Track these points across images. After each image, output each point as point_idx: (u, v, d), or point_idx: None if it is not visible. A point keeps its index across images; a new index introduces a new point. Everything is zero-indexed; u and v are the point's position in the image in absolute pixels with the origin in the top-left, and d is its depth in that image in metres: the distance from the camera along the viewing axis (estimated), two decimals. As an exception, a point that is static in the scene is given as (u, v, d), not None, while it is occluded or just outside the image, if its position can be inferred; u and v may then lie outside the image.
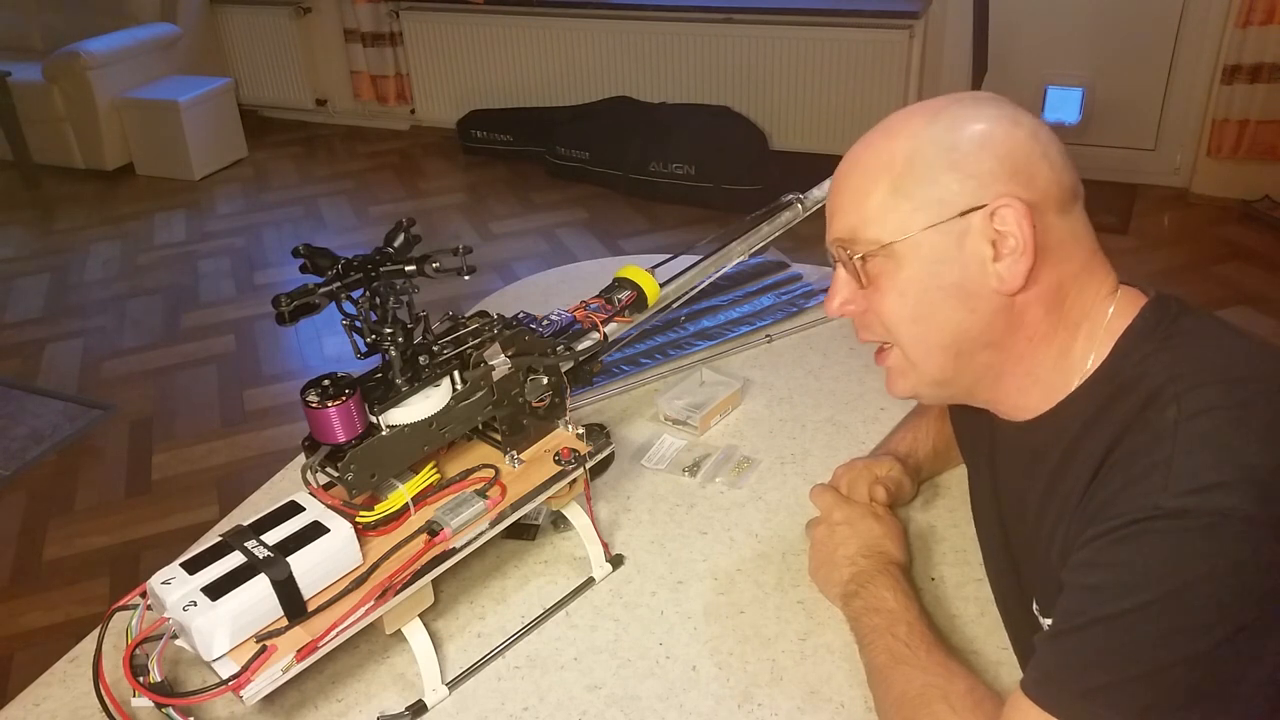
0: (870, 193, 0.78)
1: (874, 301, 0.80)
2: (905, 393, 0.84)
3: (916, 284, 0.77)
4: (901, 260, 0.77)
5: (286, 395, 2.99)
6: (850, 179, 0.80)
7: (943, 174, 0.75)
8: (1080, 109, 3.82)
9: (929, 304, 0.77)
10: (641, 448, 1.24)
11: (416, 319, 0.92)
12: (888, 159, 0.77)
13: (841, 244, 0.81)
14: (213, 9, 5.03)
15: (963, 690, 0.79)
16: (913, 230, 0.76)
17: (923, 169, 0.76)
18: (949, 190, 0.75)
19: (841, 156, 0.82)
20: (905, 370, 0.82)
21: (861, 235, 0.78)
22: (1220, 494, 0.62)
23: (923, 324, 0.78)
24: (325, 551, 0.86)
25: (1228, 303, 3.14)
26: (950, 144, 0.75)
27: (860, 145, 0.81)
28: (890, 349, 0.83)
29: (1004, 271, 0.74)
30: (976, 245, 0.75)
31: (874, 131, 0.81)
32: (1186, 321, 0.74)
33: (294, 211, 4.27)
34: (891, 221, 0.76)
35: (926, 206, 0.75)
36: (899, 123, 0.79)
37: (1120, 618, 0.64)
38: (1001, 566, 0.92)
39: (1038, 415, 0.79)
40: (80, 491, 2.64)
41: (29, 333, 3.44)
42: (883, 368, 0.85)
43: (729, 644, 0.95)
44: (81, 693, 0.93)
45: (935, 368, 0.80)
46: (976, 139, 0.75)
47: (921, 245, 0.76)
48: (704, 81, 4.26)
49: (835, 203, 0.82)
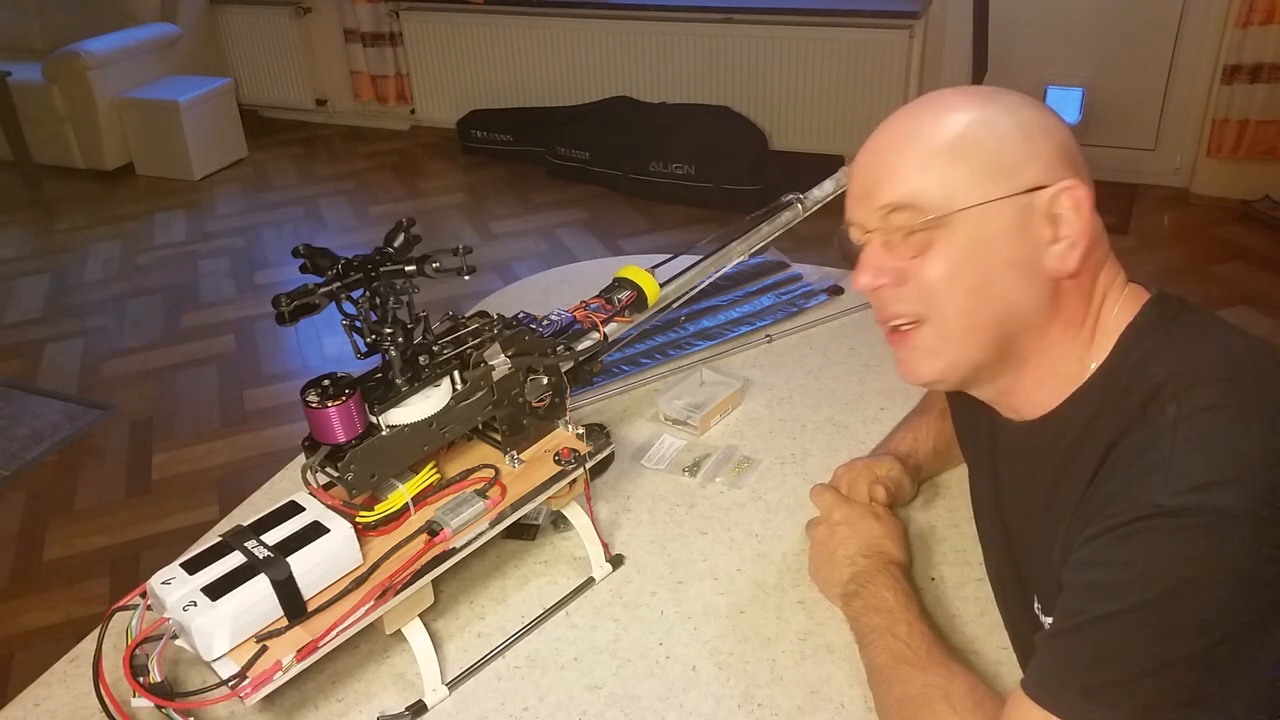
0: (934, 159, 0.75)
1: (921, 272, 0.77)
2: (932, 375, 0.81)
3: (979, 256, 0.75)
4: (963, 229, 0.75)
5: (286, 395, 2.99)
6: (906, 145, 0.77)
7: (1014, 148, 0.75)
8: (1080, 109, 3.82)
9: (987, 278, 0.75)
10: (641, 448, 1.24)
11: (416, 319, 0.92)
12: (952, 127, 0.76)
13: (896, 208, 0.77)
14: (213, 9, 5.03)
15: (963, 690, 0.79)
16: (981, 199, 0.74)
17: (991, 140, 0.75)
18: (1018, 164, 0.75)
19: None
20: (937, 350, 0.79)
21: (922, 201, 0.75)
22: (1220, 492, 0.62)
23: (978, 296, 0.75)
24: (325, 551, 0.86)
25: (1228, 303, 3.14)
26: (1018, 120, 0.76)
27: (909, 117, 0.79)
28: (916, 329, 0.79)
29: (1062, 253, 0.75)
30: (1039, 224, 0.75)
31: (918, 105, 0.79)
32: (1186, 319, 0.75)
33: (294, 211, 4.27)
34: (959, 189, 0.74)
35: (995, 177, 0.74)
36: (951, 98, 0.78)
37: (1120, 616, 0.64)
38: (1002, 566, 0.92)
39: (1043, 414, 0.79)
40: (80, 491, 2.64)
41: (29, 333, 3.44)
42: (900, 351, 0.81)
43: (729, 644, 0.95)
44: (81, 693, 0.93)
45: (978, 345, 0.77)
46: (1038, 122, 0.76)
47: (989, 216, 0.74)
48: (704, 81, 4.26)
49: (882, 169, 0.78)
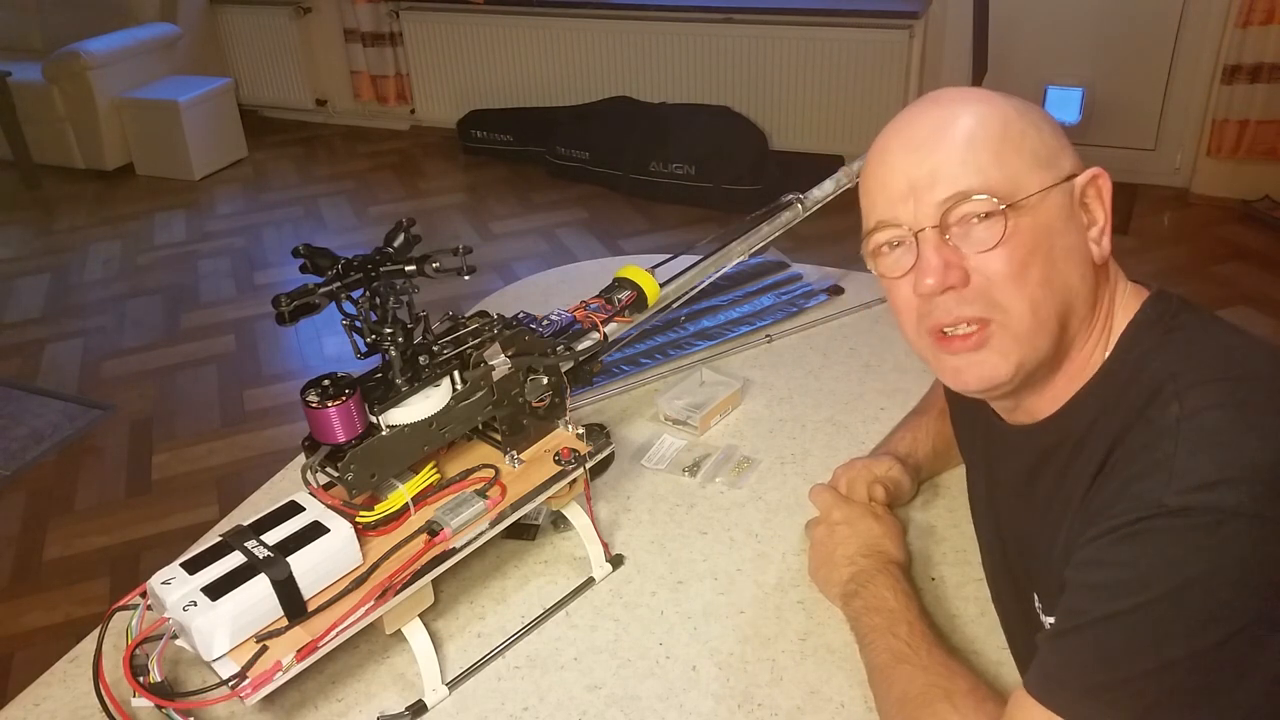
0: (990, 149, 0.74)
1: (986, 267, 0.73)
2: (1005, 376, 0.76)
3: (1045, 244, 0.73)
4: (1031, 218, 0.73)
5: (286, 395, 2.99)
6: (954, 138, 0.74)
7: (1051, 137, 0.76)
8: (1080, 109, 3.82)
9: (1054, 267, 0.73)
10: (641, 448, 1.24)
11: (416, 319, 0.92)
12: (998, 119, 0.75)
13: (960, 198, 0.73)
14: (213, 9, 5.03)
15: (965, 689, 0.79)
16: (1041, 186, 0.73)
17: (1034, 131, 0.75)
18: (1057, 153, 0.75)
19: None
20: (1008, 350, 0.75)
21: (992, 190, 0.72)
22: (1223, 492, 0.62)
23: (1047, 287, 0.73)
24: (325, 551, 0.86)
25: (1228, 303, 3.14)
26: (1039, 114, 0.76)
27: (942, 111, 0.76)
28: (982, 330, 0.75)
29: (1098, 239, 0.75)
30: (1079, 212, 0.75)
31: (943, 101, 0.77)
32: (1186, 317, 0.75)
33: (294, 211, 4.27)
34: (1024, 176, 0.73)
35: (1046, 166, 0.74)
36: (969, 92, 0.78)
37: (1123, 616, 0.64)
38: (999, 566, 0.92)
39: (1046, 417, 0.79)
40: (80, 491, 2.64)
41: (29, 333, 3.44)
42: (960, 358, 0.76)
43: (729, 644, 0.95)
44: (81, 693, 0.93)
45: (1047, 340, 0.74)
46: (1049, 116, 0.77)
47: (1049, 204, 0.74)
48: (704, 81, 4.26)
49: (936, 162, 0.74)
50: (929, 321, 0.77)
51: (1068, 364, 0.77)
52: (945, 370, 0.79)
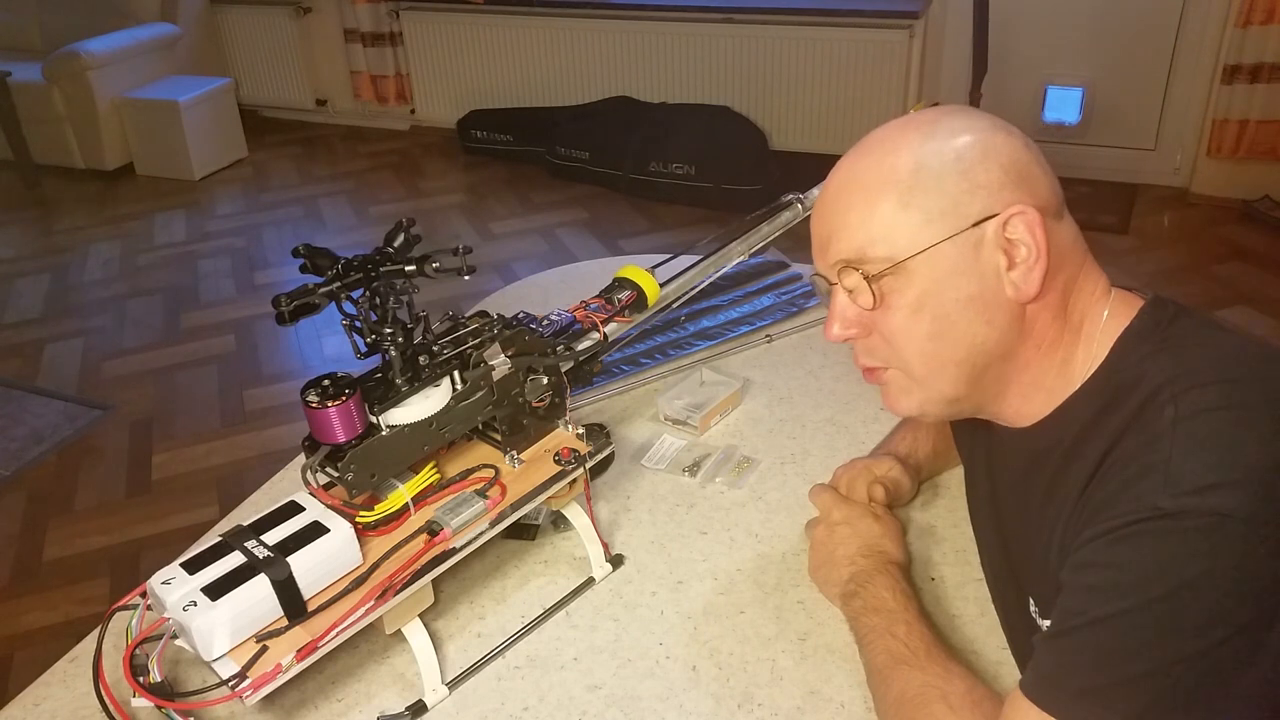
0: (876, 209, 0.75)
1: (882, 322, 0.77)
2: (910, 410, 0.82)
3: (933, 299, 0.74)
4: (914, 276, 0.74)
5: (286, 395, 2.99)
6: (849, 197, 0.77)
7: (952, 184, 0.73)
8: (1080, 109, 3.82)
9: (946, 319, 0.75)
10: (641, 448, 1.24)
11: (416, 319, 0.92)
12: (890, 173, 0.75)
13: (847, 265, 0.77)
14: (213, 9, 5.03)
15: (962, 690, 0.80)
16: (927, 244, 0.73)
17: (931, 181, 0.74)
18: (960, 200, 0.73)
19: (841, 156, 0.81)
20: (908, 388, 0.80)
21: (871, 253, 0.75)
22: (1219, 494, 0.62)
23: (939, 340, 0.75)
24: (325, 551, 0.86)
25: (1228, 303, 3.14)
26: (955, 154, 0.74)
27: (851, 164, 0.78)
28: (884, 370, 0.81)
29: (1019, 280, 0.74)
30: (991, 255, 0.74)
31: (861, 150, 0.79)
32: (1183, 323, 0.74)
33: (294, 211, 4.27)
34: (903, 237, 0.74)
35: (939, 218, 0.73)
36: (891, 137, 0.77)
37: (1119, 618, 0.64)
38: (998, 568, 0.92)
39: (1038, 421, 0.79)
40: (80, 491, 2.64)
41: (29, 333, 3.44)
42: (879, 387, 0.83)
43: (729, 644, 0.95)
44: (81, 693, 0.93)
45: (949, 385, 0.78)
46: (979, 148, 0.74)
47: (937, 259, 0.74)
48: (704, 81, 4.26)
49: (832, 224, 0.78)
50: (854, 359, 0.85)
51: (1015, 388, 0.78)
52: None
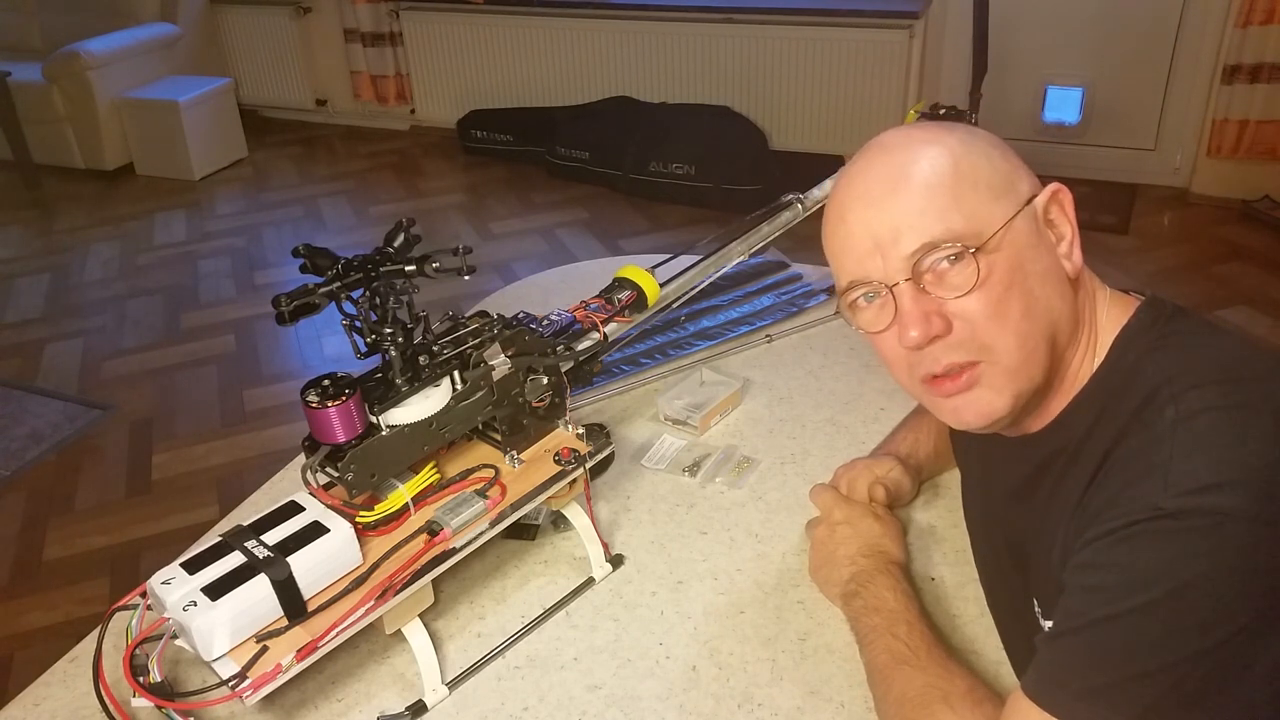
0: (950, 190, 0.73)
1: (966, 311, 0.73)
2: (1002, 411, 0.76)
3: (1020, 275, 0.73)
4: (1001, 254, 0.73)
5: (286, 395, 2.99)
6: (910, 188, 0.74)
7: (1001, 162, 0.75)
8: (1080, 109, 3.82)
9: (1031, 295, 0.73)
10: (641, 448, 1.24)
11: (416, 319, 0.92)
12: (946, 156, 0.74)
13: (929, 248, 0.73)
14: (213, 9, 5.03)
15: (963, 690, 0.79)
16: (1004, 218, 0.73)
17: (983, 160, 0.75)
18: (1012, 178, 0.75)
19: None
20: (1002, 386, 0.75)
21: (958, 235, 0.72)
22: (1219, 494, 0.62)
23: (1030, 319, 0.73)
24: (325, 551, 0.86)
25: (1228, 303, 3.14)
26: (985, 138, 0.76)
27: (890, 161, 0.76)
28: (972, 370, 0.74)
29: (1068, 253, 0.75)
30: (1045, 231, 0.76)
31: (887, 146, 0.77)
32: (1180, 322, 0.75)
33: (294, 211, 4.27)
34: (983, 213, 0.73)
35: (1004, 195, 0.74)
36: (912, 133, 0.77)
37: (1120, 618, 0.64)
38: (996, 573, 0.92)
39: (1043, 428, 0.79)
40: (80, 491, 2.64)
41: (29, 333, 3.44)
42: (954, 399, 0.76)
43: (729, 644, 0.95)
44: (81, 693, 0.93)
45: (1038, 368, 0.74)
46: (998, 139, 0.77)
47: (1015, 234, 0.73)
48: (704, 81, 4.26)
49: (897, 216, 0.74)
50: (920, 371, 0.77)
51: (1059, 381, 0.77)
52: (944, 411, 0.79)
